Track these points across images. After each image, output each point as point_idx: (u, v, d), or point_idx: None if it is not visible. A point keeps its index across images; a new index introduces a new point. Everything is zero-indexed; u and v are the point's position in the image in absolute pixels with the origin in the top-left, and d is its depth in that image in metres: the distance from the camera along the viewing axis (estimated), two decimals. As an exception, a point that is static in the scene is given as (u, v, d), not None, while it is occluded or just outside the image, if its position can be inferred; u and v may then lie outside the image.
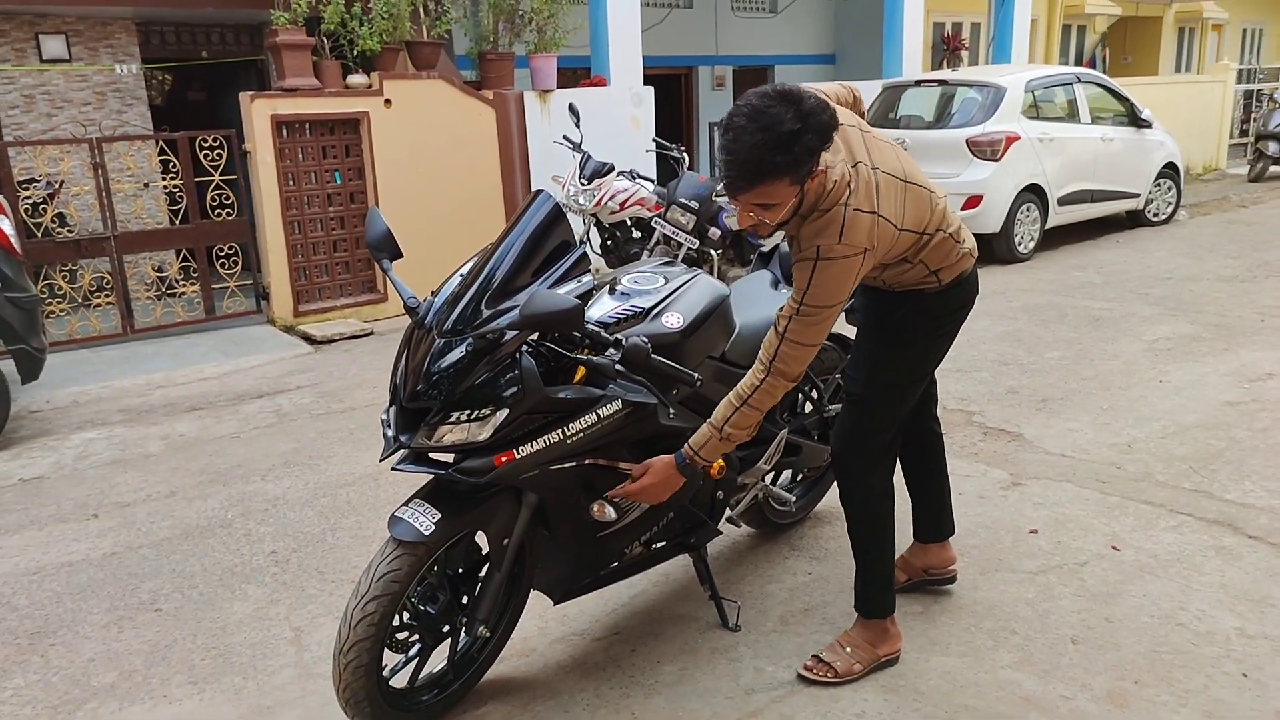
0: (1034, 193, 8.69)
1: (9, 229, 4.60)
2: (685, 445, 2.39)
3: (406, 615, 2.39)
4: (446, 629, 2.47)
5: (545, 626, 2.99)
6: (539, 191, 2.38)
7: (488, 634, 2.48)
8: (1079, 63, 16.14)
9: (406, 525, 2.23)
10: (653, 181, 7.10)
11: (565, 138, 7.15)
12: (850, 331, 3.47)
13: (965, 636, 2.84)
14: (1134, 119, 9.66)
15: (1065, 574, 3.18)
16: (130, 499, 4.16)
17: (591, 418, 2.29)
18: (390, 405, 2.29)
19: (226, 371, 6.12)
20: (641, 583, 3.19)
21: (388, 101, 7.24)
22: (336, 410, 5.19)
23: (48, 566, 3.55)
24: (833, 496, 3.64)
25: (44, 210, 6.36)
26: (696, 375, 2.36)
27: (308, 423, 5.03)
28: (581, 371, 2.34)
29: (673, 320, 2.54)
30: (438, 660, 2.55)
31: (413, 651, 2.46)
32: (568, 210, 6.96)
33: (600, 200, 6.83)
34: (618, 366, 2.29)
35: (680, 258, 6.21)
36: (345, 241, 7.38)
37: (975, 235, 2.84)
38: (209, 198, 6.83)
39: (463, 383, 2.18)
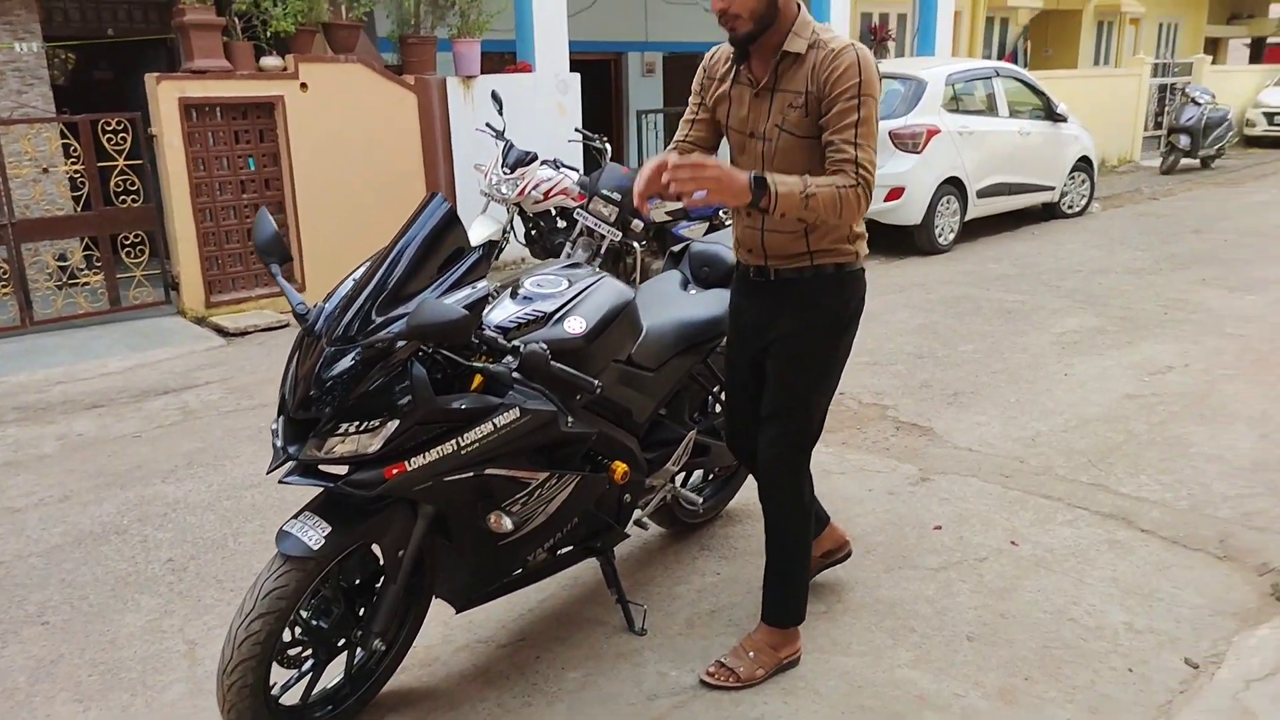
0: (954, 185, 8.85)
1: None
2: (767, 177, 2.15)
3: (299, 630, 2.33)
4: (341, 643, 2.42)
5: (450, 634, 2.95)
6: (433, 194, 2.33)
7: (383, 647, 2.43)
8: (1001, 54, 16.46)
9: (294, 540, 2.17)
10: (578, 171, 7.03)
11: (488, 125, 7.03)
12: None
13: (866, 636, 2.88)
14: (1050, 113, 9.90)
15: (965, 570, 3.25)
16: (21, 504, 3.99)
17: (488, 427, 2.25)
18: (279, 415, 2.22)
19: (131, 366, 5.90)
20: (550, 586, 3.16)
21: (304, 85, 7.04)
22: (246, 407, 5.05)
23: (-73, 578, 3.38)
24: (743, 495, 3.69)
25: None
26: (597, 382, 2.33)
27: (215, 420, 4.88)
28: (479, 379, 2.30)
29: (575, 325, 2.51)
30: (334, 674, 2.50)
31: (306, 667, 2.41)
32: (490, 199, 6.90)
33: (523, 190, 6.74)
34: (515, 375, 2.26)
35: (603, 249, 6.17)
36: (260, 229, 7.16)
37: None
38: (113, 183, 6.55)
39: (352, 392, 2.12)
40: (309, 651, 2.39)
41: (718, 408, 3.35)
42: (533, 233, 7.11)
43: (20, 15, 7.44)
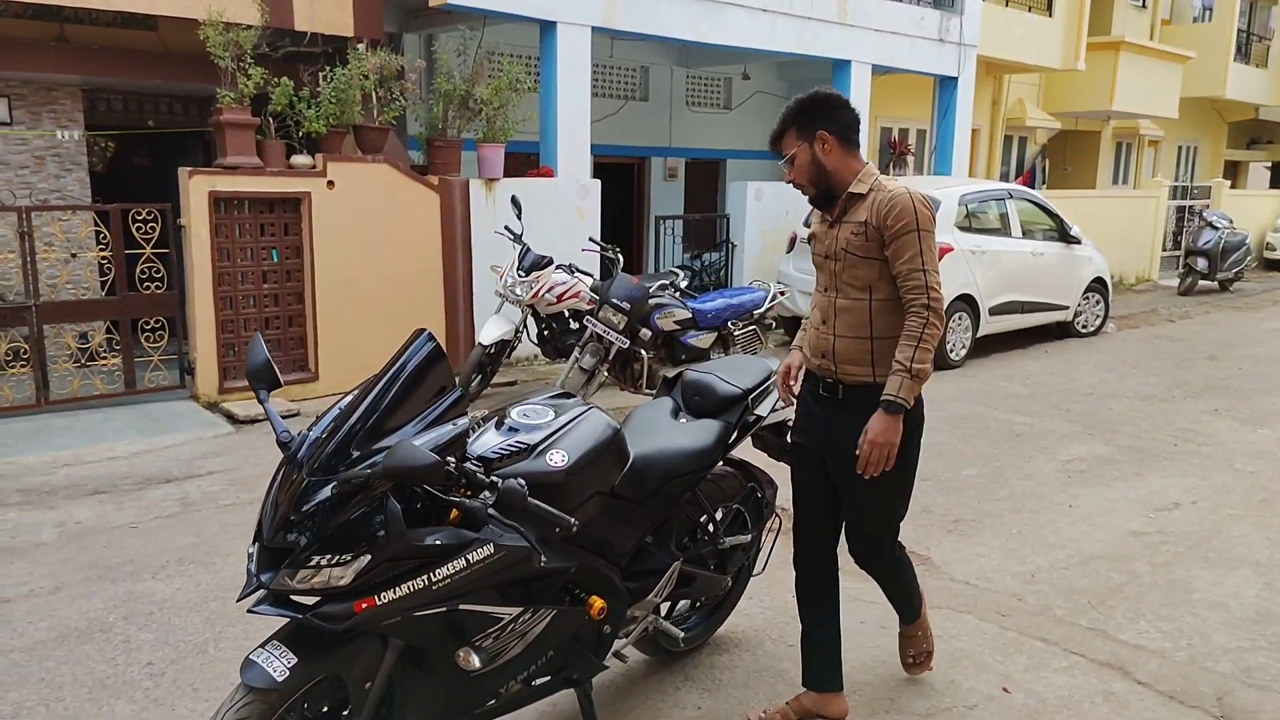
0: (966, 302, 8.93)
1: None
2: (885, 396, 2.72)
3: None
4: (304, 774, 2.38)
5: (420, 760, 2.88)
6: (420, 330, 2.38)
7: (343, 781, 2.39)
8: (1019, 172, 16.76)
9: (259, 670, 2.16)
10: (592, 277, 7.16)
11: (507, 228, 7.21)
12: (753, 456, 3.51)
13: (845, 787, 2.80)
14: (1064, 234, 10.02)
15: (953, 718, 3.17)
16: (12, 593, 3.99)
17: (460, 563, 2.26)
18: (254, 540, 2.24)
19: (138, 451, 5.96)
20: (527, 713, 3.10)
21: (330, 183, 7.27)
22: (245, 501, 5.07)
23: (-94, 671, 3.37)
24: (731, 623, 3.64)
25: (-37, 277, 6.23)
26: (573, 520, 2.33)
27: (212, 514, 4.90)
28: (456, 511, 2.31)
29: (557, 458, 2.53)
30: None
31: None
32: (505, 300, 7.02)
33: (537, 293, 6.87)
34: (490, 511, 2.27)
35: (611, 354, 6.24)
36: (278, 319, 7.31)
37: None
38: (139, 269, 6.74)
39: (328, 524, 2.14)
40: (271, 780, 2.34)
41: (705, 536, 3.33)
42: (545, 333, 7.21)
43: (65, 105, 7.79)
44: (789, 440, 3.21)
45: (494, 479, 2.31)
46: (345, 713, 2.41)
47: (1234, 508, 5.18)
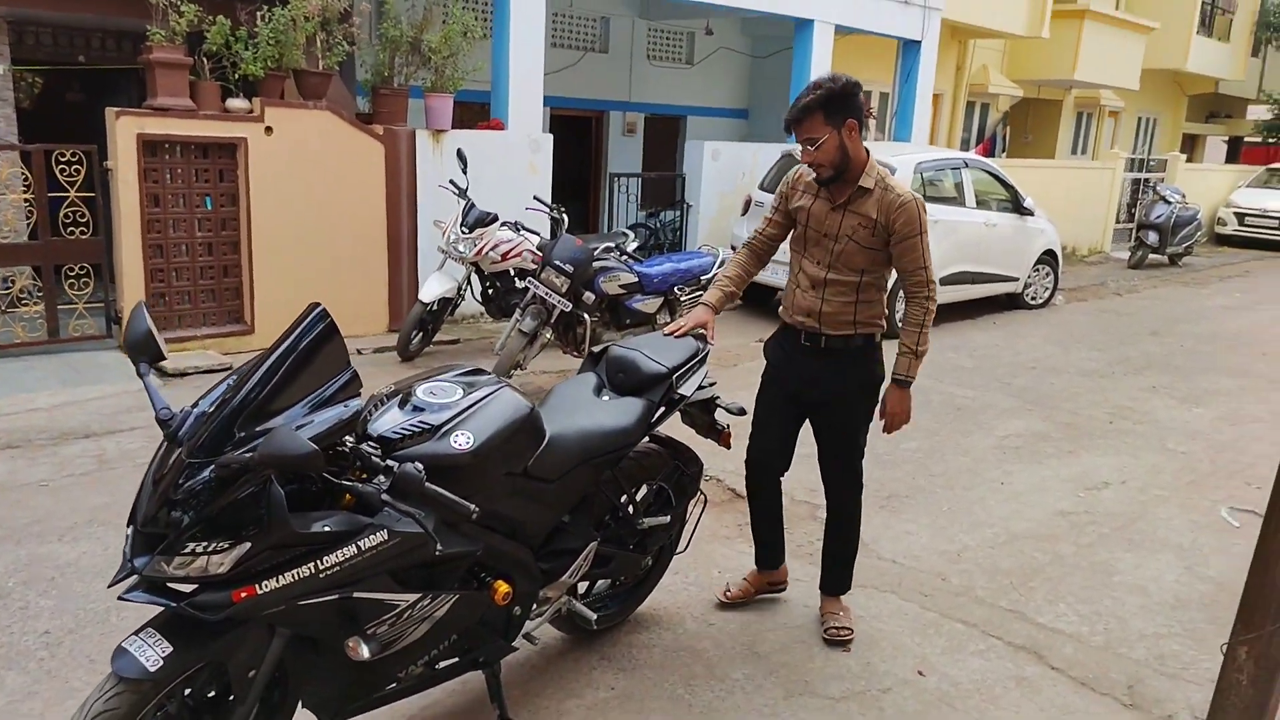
0: (917, 271, 8.88)
1: None
2: (897, 375, 3.30)
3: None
4: (186, 760, 2.29)
5: (322, 740, 2.81)
6: (314, 305, 2.25)
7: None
8: (980, 139, 16.74)
9: (130, 659, 2.05)
10: (539, 235, 7.00)
11: (451, 182, 7.02)
12: (681, 433, 3.42)
13: (752, 773, 2.78)
14: (1017, 206, 10.02)
15: (866, 701, 3.16)
16: (-94, 555, 3.83)
17: (351, 550, 2.16)
18: (129, 522, 2.12)
19: (60, 403, 5.75)
20: (436, 692, 3.04)
21: (269, 129, 6.99)
22: (165, 459, 4.90)
23: None
24: (651, 600, 3.60)
25: None
26: (473, 507, 2.24)
27: (128, 473, 4.73)
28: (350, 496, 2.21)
29: (461, 440, 2.43)
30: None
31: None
32: (447, 257, 6.85)
33: (481, 250, 6.71)
34: (384, 496, 2.17)
35: (553, 318, 6.12)
36: (213, 269, 7.07)
37: (883, 322, 3.45)
38: (64, 214, 6.45)
39: (204, 510, 2.03)
40: (151, 767, 2.25)
41: (623, 515, 3.26)
42: (489, 292, 7.06)
43: (-11, 37, 7.38)
44: (715, 401, 3.42)
45: (389, 463, 2.21)
46: (231, 698, 2.32)
47: (1162, 489, 5.24)
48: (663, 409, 3.11)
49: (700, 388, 3.25)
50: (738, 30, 13.53)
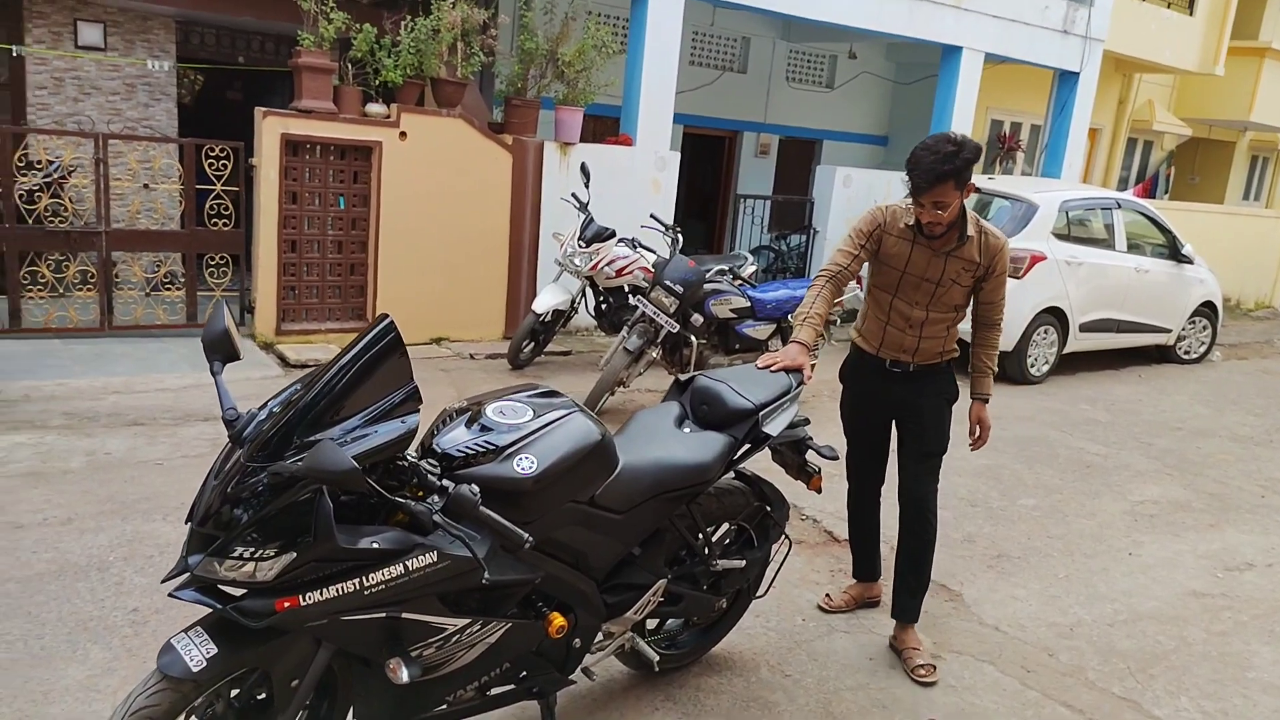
0: (1054, 315, 8.39)
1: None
2: (982, 393, 3.56)
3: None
4: (228, 761, 2.28)
5: (372, 752, 2.77)
6: (383, 316, 2.21)
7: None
8: (1141, 178, 15.75)
9: (176, 657, 2.05)
10: (655, 253, 6.93)
11: (573, 196, 7.04)
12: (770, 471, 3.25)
13: None
14: (1174, 253, 9.32)
15: (946, 784, 2.91)
16: (27, 520, 4.05)
17: (398, 569, 2.10)
18: (188, 519, 2.12)
19: (187, 385, 6.03)
20: (496, 716, 2.97)
21: (403, 134, 7.19)
22: (272, 449, 5.05)
23: (-95, 588, 3.44)
24: (727, 643, 3.43)
25: (39, 197, 6.36)
26: (527, 536, 2.15)
27: (237, 460, 4.89)
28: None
29: (525, 465, 2.34)
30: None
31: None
32: (563, 270, 6.86)
33: (596, 265, 6.70)
34: (436, 517, 2.10)
35: (659, 338, 6.03)
36: (340, 266, 7.32)
37: (957, 345, 3.56)
38: (209, 205, 6.80)
39: (255, 515, 2.01)
40: (194, 764, 2.26)
41: (698, 554, 3.10)
42: (603, 307, 7.05)
43: (159, 35, 7.89)
44: (806, 442, 3.28)
45: (445, 483, 2.15)
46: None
47: (1316, 578, 4.69)
48: (746, 447, 2.96)
49: (790, 427, 3.07)
50: (882, 55, 13.17)
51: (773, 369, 3.16)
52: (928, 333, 3.42)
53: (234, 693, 2.25)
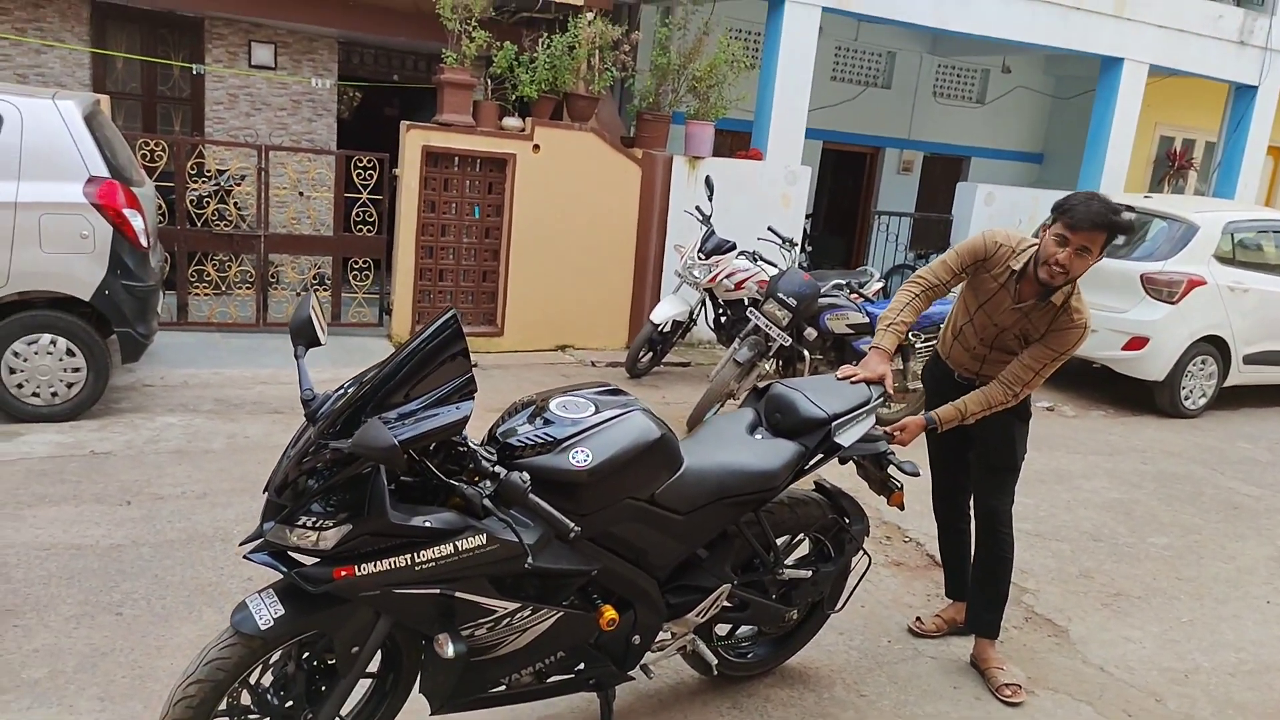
0: (1214, 344, 7.79)
1: (139, 225, 5.06)
2: (934, 413, 3.28)
3: (255, 699, 2.39)
4: (297, 719, 2.44)
5: (439, 729, 2.90)
6: (448, 308, 2.34)
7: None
8: (1333, 201, 14.39)
9: (247, 615, 2.23)
10: (776, 267, 6.89)
11: (697, 208, 7.10)
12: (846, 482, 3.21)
13: None
14: (1359, 280, 8.47)
15: (1017, 822, 2.77)
16: (167, 492, 4.45)
17: (448, 548, 2.21)
18: (264, 490, 2.31)
19: (327, 379, 6.32)
20: (561, 704, 3.04)
21: (536, 147, 7.46)
22: (392, 441, 5.34)
23: (58, 545, 3.84)
24: (801, 656, 3.40)
25: (208, 203, 6.98)
26: (573, 526, 2.22)
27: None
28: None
29: (580, 457, 2.41)
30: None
31: (261, 733, 2.45)
32: (683, 281, 6.94)
33: (715, 277, 6.73)
34: (485, 501, 2.20)
35: (771, 351, 6.00)
36: (472, 272, 7.65)
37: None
38: (354, 213, 7.27)
39: (320, 488, 2.16)
40: (266, 718, 2.43)
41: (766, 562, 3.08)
42: (721, 319, 7.06)
43: (323, 55, 8.50)
44: (887, 456, 3.19)
45: (498, 469, 2.25)
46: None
47: None
48: (815, 456, 2.93)
49: (866, 440, 3.01)
50: (1038, 69, 12.63)
51: (852, 380, 3.12)
52: (991, 360, 3.38)
53: (304, 655, 2.42)
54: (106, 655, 3.14)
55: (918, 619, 3.84)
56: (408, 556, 2.19)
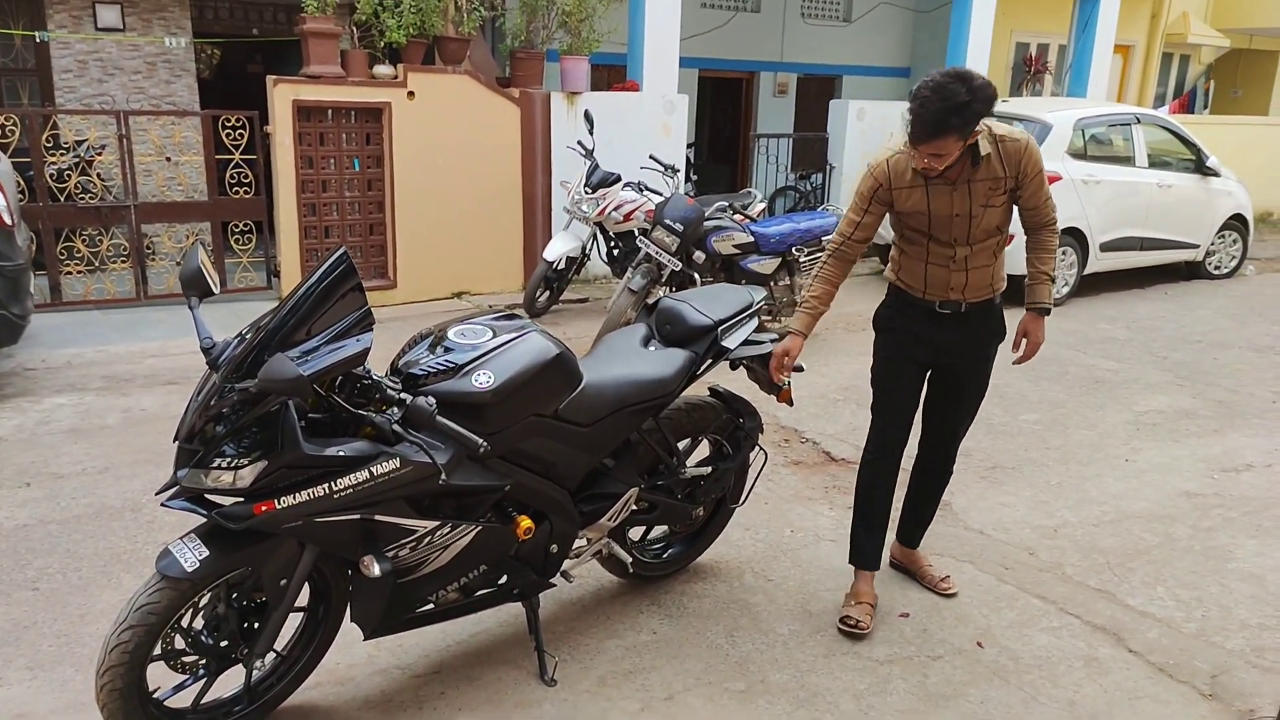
0: (1072, 236, 8.33)
1: (1, 201, 4.86)
2: (1039, 303, 3.19)
3: (188, 640, 2.47)
4: (233, 656, 2.54)
5: (375, 655, 3.04)
6: (338, 247, 2.40)
7: (264, 667, 2.55)
8: (1178, 94, 15.31)
9: (172, 560, 2.30)
10: (660, 195, 7.04)
11: (579, 143, 7.17)
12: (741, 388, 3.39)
13: (771, 724, 2.78)
14: (1200, 166, 9.14)
15: (911, 667, 3.08)
16: (67, 470, 4.38)
17: (363, 474, 2.32)
18: (174, 439, 2.36)
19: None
20: (487, 620, 3.21)
21: (411, 94, 7.37)
22: (296, 399, 5.34)
23: (-40, 532, 3.77)
24: (712, 553, 3.63)
25: (69, 176, 6.68)
26: (482, 442, 2.35)
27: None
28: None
29: (483, 379, 2.54)
30: (237, 682, 2.63)
31: (201, 673, 2.54)
32: (572, 217, 7.02)
33: (603, 210, 6.84)
34: (395, 427, 2.31)
35: (663, 277, 6.17)
36: (359, 226, 7.56)
37: (1006, 276, 3.27)
38: (229, 175, 7.07)
39: (229, 429, 2.24)
40: (204, 660, 2.52)
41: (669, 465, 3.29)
42: (614, 252, 7.19)
43: (174, 12, 8.13)
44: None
45: (403, 396, 2.35)
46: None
47: (1314, 475, 4.73)
48: (705, 361, 3.12)
49: (749, 342, 3.22)
50: (900, -16, 12.95)
51: (774, 370, 3.13)
52: (974, 264, 3.08)
53: (233, 595, 2.50)
54: (29, 628, 3.15)
55: (855, 621, 3.25)
56: (325, 486, 2.29)
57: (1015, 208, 3.11)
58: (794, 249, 6.55)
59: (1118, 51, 13.16)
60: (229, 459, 2.23)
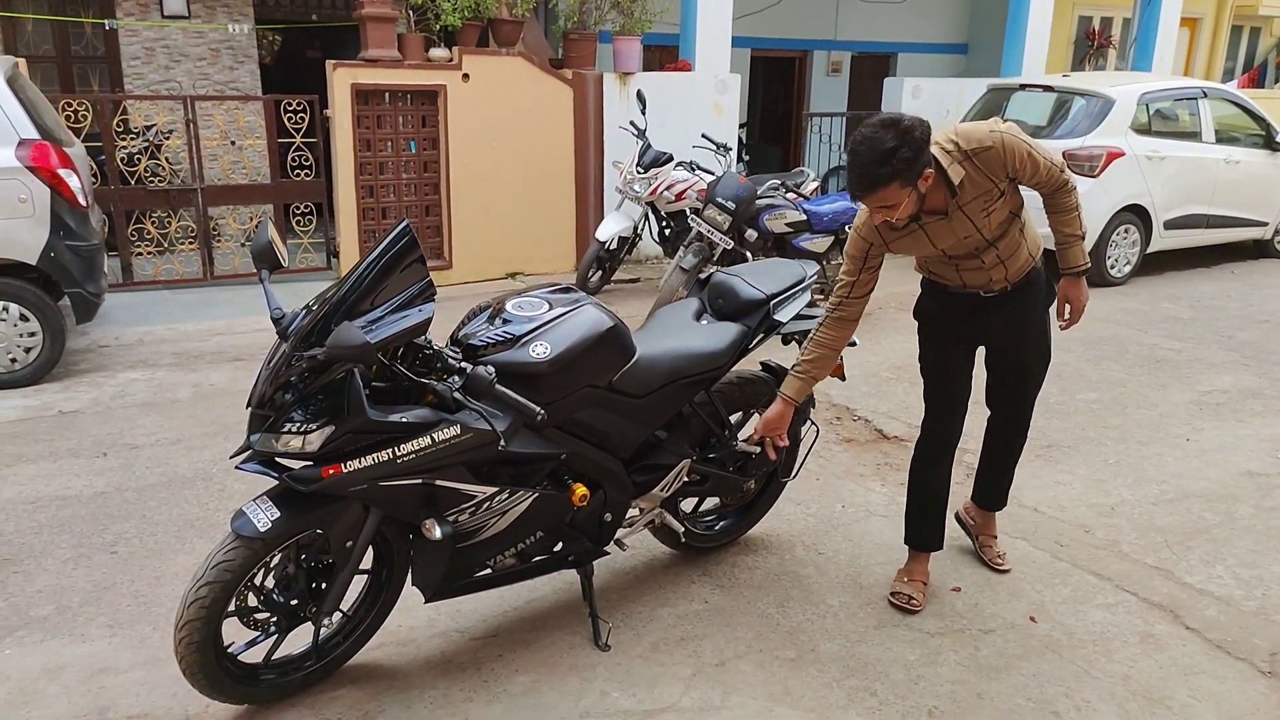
0: (1136, 213, 8.14)
1: (75, 184, 5.06)
2: (1073, 267, 3.05)
3: (261, 598, 2.58)
4: (302, 615, 2.65)
5: (435, 619, 3.14)
6: (401, 221, 2.48)
7: (331, 626, 2.65)
8: (1247, 68, 14.81)
9: (245, 520, 2.41)
10: (713, 174, 7.04)
11: (631, 124, 7.19)
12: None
13: (822, 691, 2.82)
14: (1270, 141, 8.86)
15: (963, 640, 3.09)
16: (141, 441, 4.57)
17: (425, 440, 2.40)
18: (247, 406, 2.47)
19: (281, 325, 6.52)
20: (543, 587, 3.29)
21: (465, 76, 7.46)
22: (356, 376, 5.49)
23: (43, 498, 3.96)
24: (764, 526, 3.67)
25: (138, 160, 6.91)
26: (539, 409, 2.42)
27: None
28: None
29: (539, 350, 2.60)
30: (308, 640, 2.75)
31: (273, 630, 2.66)
32: (624, 197, 7.06)
33: (655, 190, 6.86)
34: (456, 395, 2.39)
35: (715, 255, 6.19)
36: (415, 207, 7.69)
37: (1039, 238, 3.12)
38: (290, 158, 7.25)
39: (299, 396, 2.33)
40: (275, 617, 2.64)
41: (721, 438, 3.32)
42: (665, 232, 7.22)
43: (237, 0, 8.32)
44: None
45: (464, 365, 2.43)
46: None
47: (1386, 456, 4.60)
48: (758, 335, 3.15)
49: (801, 316, 3.24)
50: (958, -42, 12.71)
51: (753, 437, 3.09)
52: (1006, 254, 2.95)
53: (302, 557, 2.61)
54: (108, 589, 3.31)
55: (908, 599, 3.26)
56: (389, 451, 2.37)
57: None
58: (846, 227, 6.50)
59: (1184, 24, 12.77)
60: (298, 424, 2.32)
